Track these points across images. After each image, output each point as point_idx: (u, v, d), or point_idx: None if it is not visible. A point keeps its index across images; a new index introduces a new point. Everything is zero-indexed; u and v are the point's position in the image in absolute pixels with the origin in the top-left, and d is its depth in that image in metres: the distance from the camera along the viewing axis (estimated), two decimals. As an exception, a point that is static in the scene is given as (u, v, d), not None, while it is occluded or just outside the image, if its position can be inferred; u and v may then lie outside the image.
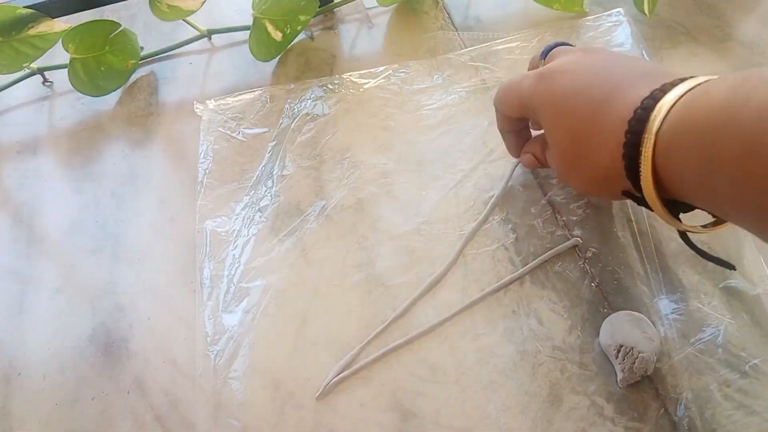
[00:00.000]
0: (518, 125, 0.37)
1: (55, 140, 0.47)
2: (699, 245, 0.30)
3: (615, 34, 0.45)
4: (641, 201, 0.28)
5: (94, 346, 0.37)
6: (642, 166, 0.26)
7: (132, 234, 0.41)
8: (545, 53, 0.35)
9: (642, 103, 0.26)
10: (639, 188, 0.27)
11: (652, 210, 0.27)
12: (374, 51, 0.48)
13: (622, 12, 0.46)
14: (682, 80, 0.26)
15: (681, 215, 0.27)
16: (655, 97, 0.26)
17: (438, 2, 0.50)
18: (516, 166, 0.40)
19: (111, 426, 0.35)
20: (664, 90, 0.26)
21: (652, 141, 0.25)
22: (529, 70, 0.37)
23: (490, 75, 0.44)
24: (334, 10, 0.51)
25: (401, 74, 0.45)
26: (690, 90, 0.25)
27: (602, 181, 0.29)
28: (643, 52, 0.43)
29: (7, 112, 0.49)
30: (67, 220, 0.43)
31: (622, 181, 0.28)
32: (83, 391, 0.36)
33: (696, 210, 0.27)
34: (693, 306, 0.34)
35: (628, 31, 0.45)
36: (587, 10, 0.47)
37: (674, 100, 0.25)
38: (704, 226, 0.28)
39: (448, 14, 0.49)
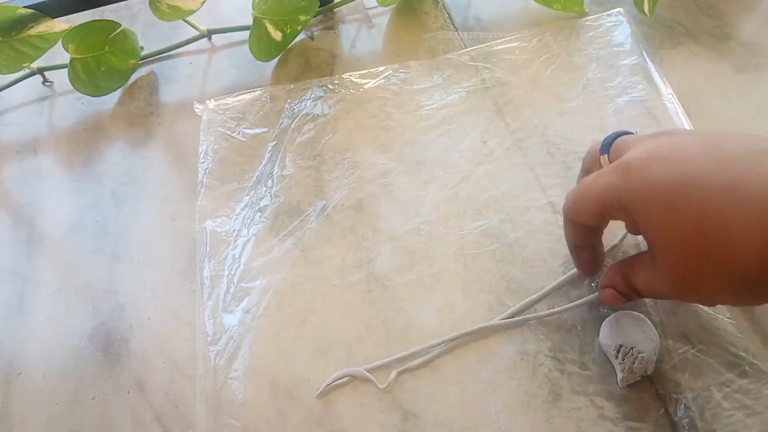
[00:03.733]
0: (593, 239, 0.32)
1: (55, 140, 0.47)
2: None
3: (615, 34, 0.45)
4: None
5: (94, 346, 0.37)
6: None
7: (132, 234, 0.41)
8: (607, 146, 0.31)
9: None
10: None
11: None
12: (374, 51, 0.48)
13: (622, 12, 0.46)
14: None
15: None
16: None
17: (438, 2, 0.50)
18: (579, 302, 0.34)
19: (111, 426, 0.35)
20: None
21: None
22: (584, 167, 0.34)
23: (490, 75, 0.44)
24: (334, 10, 0.51)
25: (401, 74, 0.45)
26: None
27: (753, 282, 0.24)
28: (643, 52, 0.43)
29: (7, 112, 0.49)
30: (67, 220, 0.43)
31: None
32: (83, 391, 0.36)
33: None
34: (693, 306, 0.34)
35: (627, 31, 0.45)
36: (587, 10, 0.47)
37: None
38: None
39: (448, 14, 0.49)
